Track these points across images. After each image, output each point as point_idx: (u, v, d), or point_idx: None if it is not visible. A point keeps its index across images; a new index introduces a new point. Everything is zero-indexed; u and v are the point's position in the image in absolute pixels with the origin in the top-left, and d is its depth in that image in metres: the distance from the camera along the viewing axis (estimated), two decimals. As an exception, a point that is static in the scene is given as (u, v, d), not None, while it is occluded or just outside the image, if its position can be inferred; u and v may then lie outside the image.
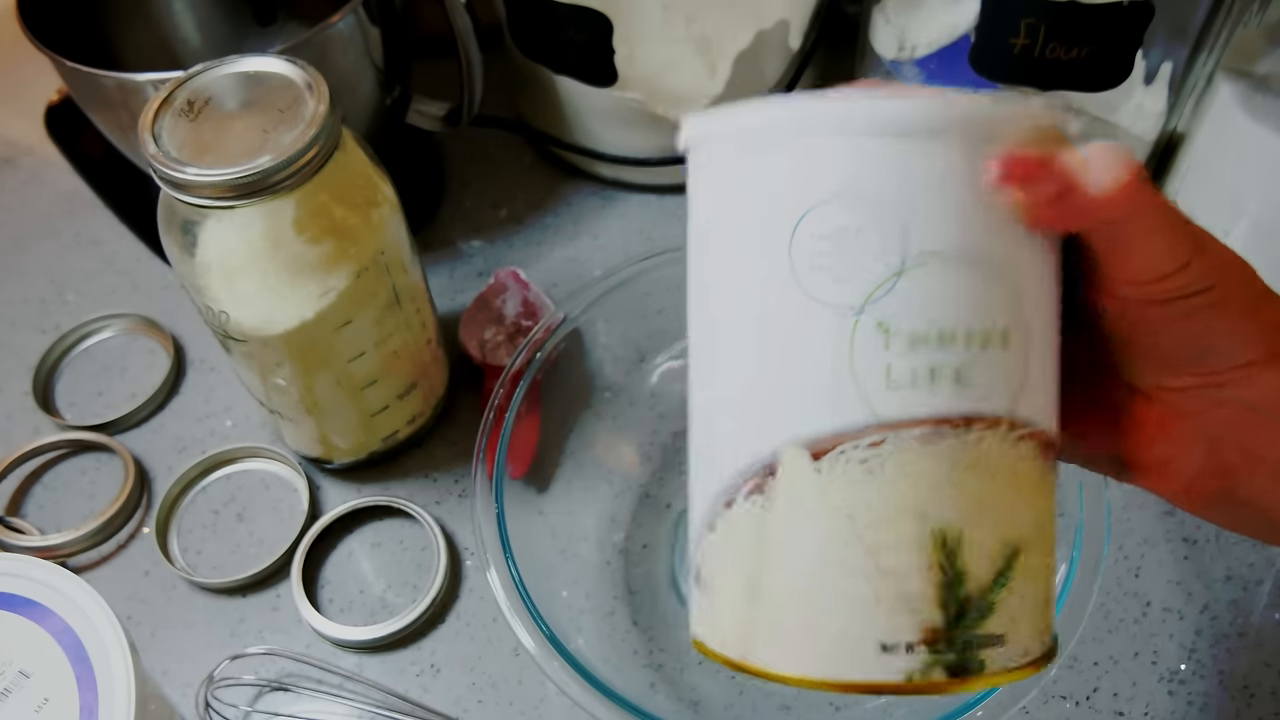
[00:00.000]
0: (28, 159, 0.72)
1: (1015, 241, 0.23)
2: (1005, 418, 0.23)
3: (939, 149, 0.22)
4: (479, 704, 0.46)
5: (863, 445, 0.22)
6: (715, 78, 0.60)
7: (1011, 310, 0.23)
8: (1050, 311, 0.25)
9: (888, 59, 0.59)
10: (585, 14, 0.56)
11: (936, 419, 0.22)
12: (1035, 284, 0.24)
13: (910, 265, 0.22)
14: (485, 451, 0.45)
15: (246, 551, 0.51)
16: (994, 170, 0.23)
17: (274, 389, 0.47)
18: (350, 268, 0.43)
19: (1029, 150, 0.23)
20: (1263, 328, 0.26)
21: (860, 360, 0.22)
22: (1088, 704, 0.45)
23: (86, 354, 0.61)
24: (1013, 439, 0.23)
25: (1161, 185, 0.61)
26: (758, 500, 0.23)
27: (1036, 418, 0.24)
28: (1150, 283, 0.25)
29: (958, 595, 0.22)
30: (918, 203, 0.22)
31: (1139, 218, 0.24)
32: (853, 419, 0.22)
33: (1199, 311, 0.25)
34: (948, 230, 0.22)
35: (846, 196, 0.22)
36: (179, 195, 0.40)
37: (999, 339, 0.23)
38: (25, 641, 0.35)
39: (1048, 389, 0.25)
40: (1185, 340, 0.26)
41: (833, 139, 0.22)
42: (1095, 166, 0.23)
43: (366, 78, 0.55)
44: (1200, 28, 0.52)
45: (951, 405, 0.22)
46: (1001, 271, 0.23)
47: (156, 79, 0.47)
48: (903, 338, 0.22)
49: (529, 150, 0.69)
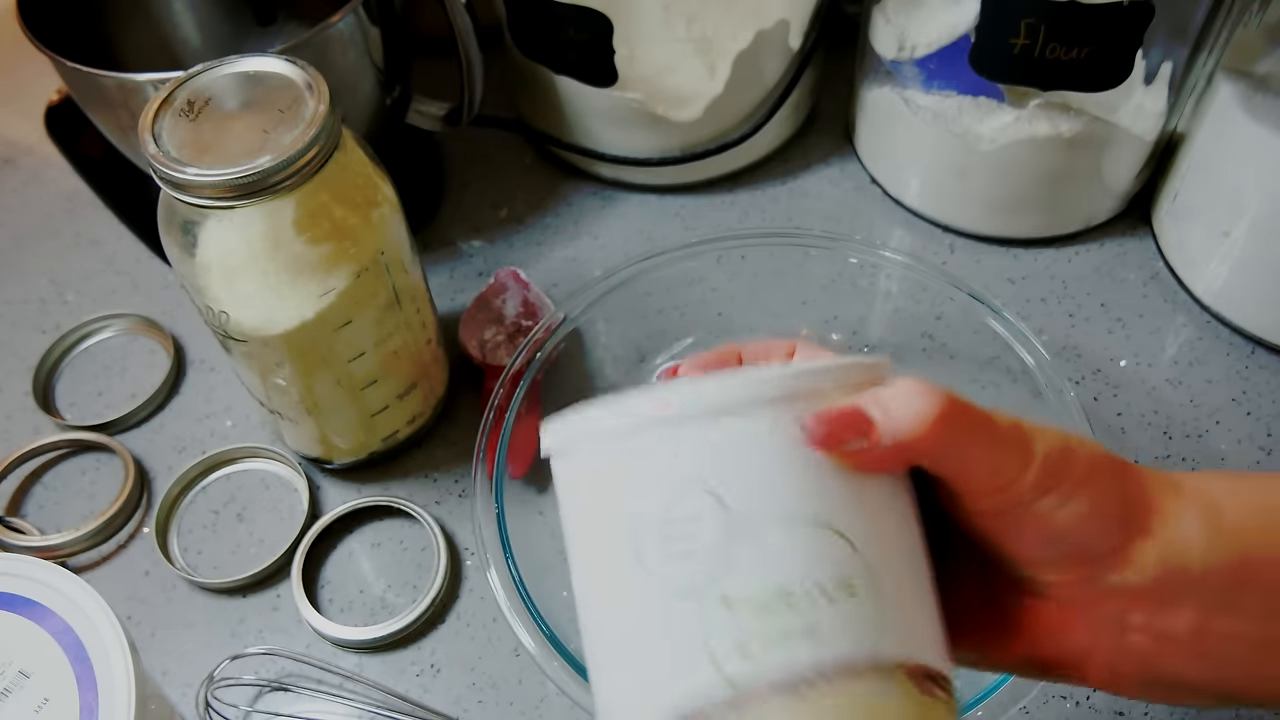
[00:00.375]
0: (28, 159, 0.72)
1: (844, 492, 0.24)
2: (865, 663, 0.23)
3: (746, 422, 0.23)
4: (479, 704, 0.46)
5: (729, 715, 0.23)
6: (715, 78, 0.60)
7: (849, 558, 0.23)
8: (906, 543, 0.25)
9: (888, 59, 0.59)
10: (585, 14, 0.56)
11: (792, 680, 0.22)
12: (879, 524, 0.24)
13: (740, 536, 0.23)
14: (485, 451, 0.45)
15: (246, 551, 0.51)
16: (801, 434, 0.24)
17: (274, 389, 0.47)
18: (350, 268, 0.43)
19: (830, 409, 0.24)
20: (1123, 507, 0.26)
21: (713, 637, 0.23)
22: (1088, 704, 0.45)
23: (86, 354, 0.61)
24: (879, 681, 0.23)
25: (1161, 185, 0.61)
26: None
27: (903, 653, 0.24)
28: (991, 495, 0.25)
29: None
30: (734, 476, 0.23)
31: (957, 444, 0.25)
32: (713, 694, 0.23)
33: (1052, 512, 0.25)
34: (767, 498, 0.23)
35: (671, 483, 0.23)
36: (179, 195, 0.40)
37: (844, 589, 0.23)
38: (25, 641, 0.35)
39: (919, 619, 0.25)
40: (1050, 539, 0.26)
41: (651, 432, 0.24)
42: (896, 408, 0.24)
43: (366, 78, 0.55)
44: (1200, 28, 0.52)
45: (810, 663, 0.23)
46: (832, 524, 0.23)
47: (156, 79, 0.47)
48: (748, 607, 0.23)
49: (529, 150, 0.69)
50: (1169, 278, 0.60)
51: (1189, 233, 0.58)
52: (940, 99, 0.57)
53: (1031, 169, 0.58)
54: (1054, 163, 0.57)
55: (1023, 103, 0.55)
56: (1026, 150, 0.56)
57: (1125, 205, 0.62)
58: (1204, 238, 0.57)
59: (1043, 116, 0.55)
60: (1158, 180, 0.61)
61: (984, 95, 0.56)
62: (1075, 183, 0.59)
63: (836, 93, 0.69)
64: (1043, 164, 0.57)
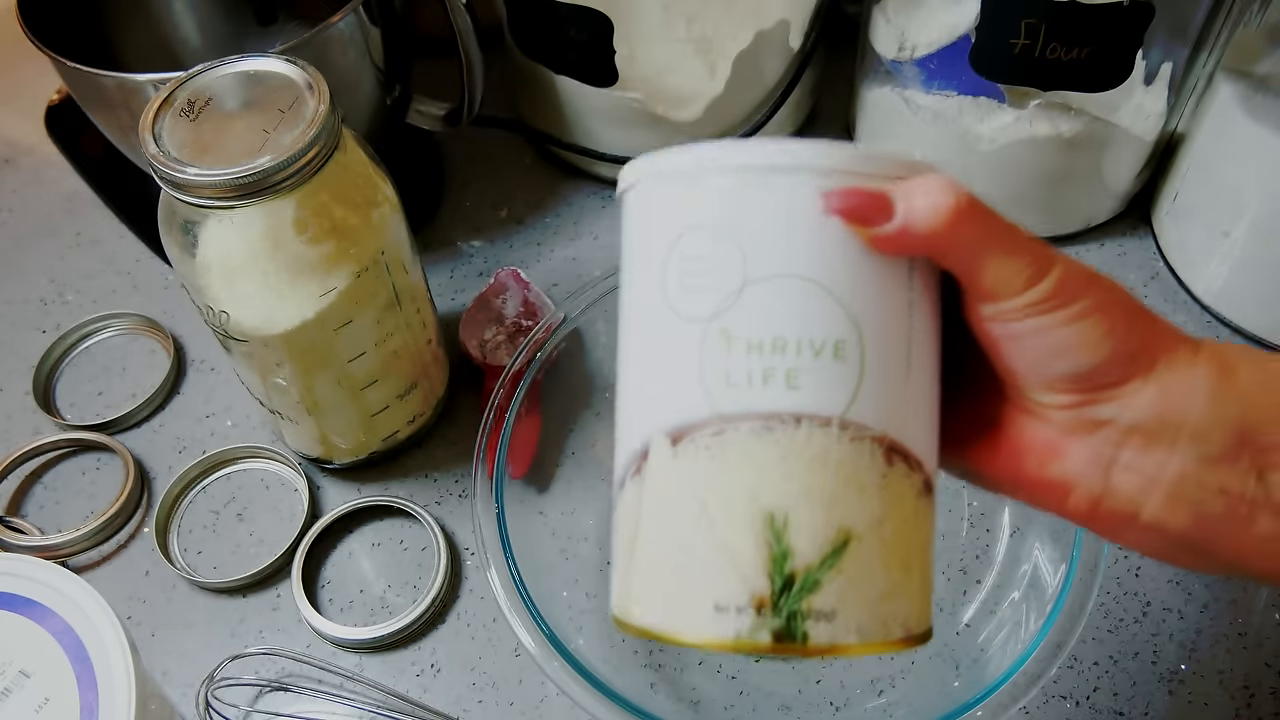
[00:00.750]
0: (28, 159, 0.72)
1: (855, 267, 0.26)
2: (835, 418, 0.26)
3: (778, 184, 0.26)
4: (479, 704, 0.46)
5: (707, 434, 0.26)
6: (715, 78, 0.60)
7: (844, 325, 0.26)
8: (907, 332, 0.27)
9: (888, 59, 0.59)
10: (585, 14, 0.56)
11: (766, 414, 0.26)
12: (882, 304, 0.26)
13: (751, 282, 0.26)
14: (485, 451, 0.45)
15: (246, 551, 0.51)
16: (823, 203, 0.25)
17: (274, 389, 0.47)
18: (350, 268, 0.43)
19: (853, 185, 0.26)
20: (1136, 343, 0.26)
21: (707, 363, 0.26)
22: (1088, 704, 0.45)
23: (86, 354, 0.61)
24: (845, 439, 0.26)
25: (1161, 185, 0.61)
26: (637, 480, 0.28)
27: (873, 423, 0.26)
28: (1003, 298, 0.26)
29: (783, 569, 0.26)
30: (759, 230, 0.26)
31: (972, 243, 0.26)
32: (699, 413, 0.26)
33: (1060, 326, 0.26)
34: (784, 255, 0.26)
35: (704, 226, 0.26)
36: (179, 195, 0.40)
37: (831, 350, 0.26)
38: (25, 641, 0.35)
39: (894, 398, 0.27)
40: (1052, 355, 0.26)
41: (702, 178, 0.27)
42: (915, 197, 0.25)
43: (366, 78, 0.55)
44: (1200, 28, 0.52)
45: (781, 404, 0.26)
46: (836, 290, 0.26)
47: (156, 79, 0.47)
48: (741, 344, 0.26)
49: (529, 150, 0.69)
50: (1169, 278, 0.60)
51: (1189, 233, 0.58)
52: (940, 99, 0.57)
53: (1031, 169, 0.58)
54: (1054, 163, 0.57)
55: (1023, 103, 0.55)
56: (1026, 150, 0.56)
57: (1125, 205, 0.62)
58: (1204, 238, 0.57)
59: (1043, 116, 0.55)
60: (1158, 180, 0.61)
61: (984, 95, 0.56)
62: (1075, 183, 0.59)
63: (836, 93, 0.69)
64: (1043, 164, 0.57)
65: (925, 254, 0.26)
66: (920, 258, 0.27)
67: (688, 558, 0.26)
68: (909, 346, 0.27)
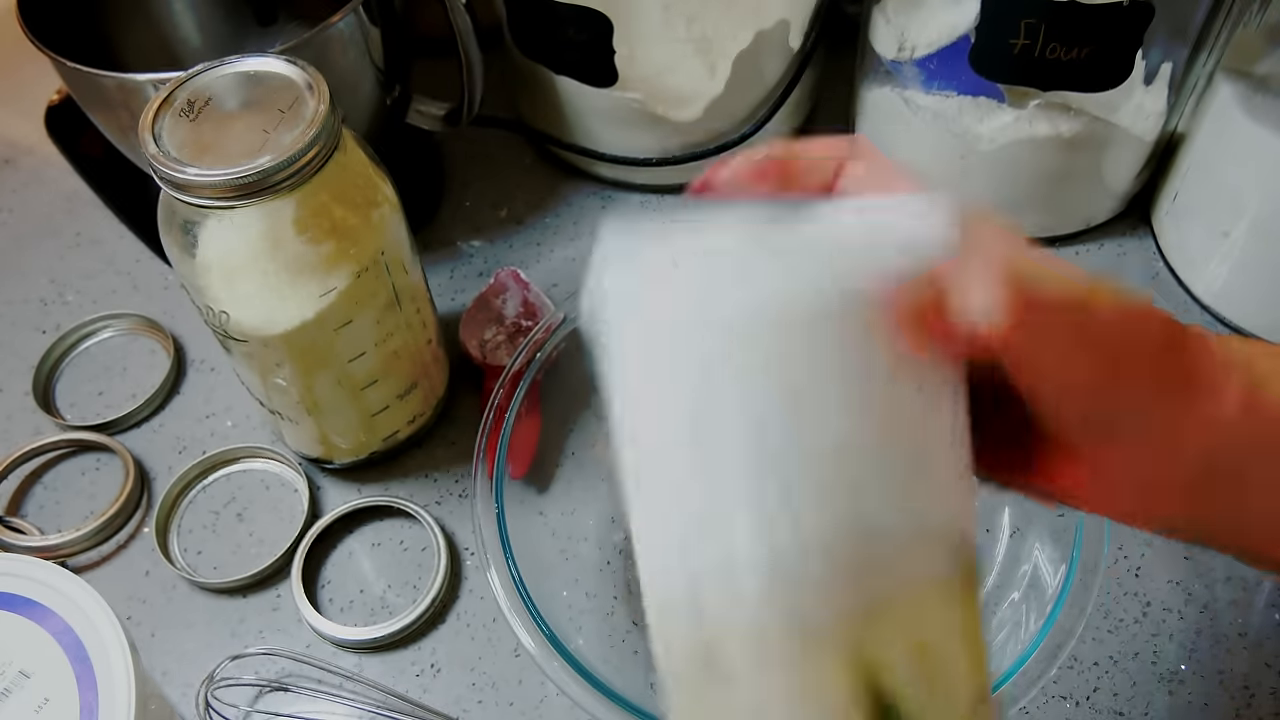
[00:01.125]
0: (28, 159, 0.72)
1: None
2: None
3: (812, 321, 0.24)
4: (479, 704, 0.46)
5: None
6: (715, 78, 0.60)
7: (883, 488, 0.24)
8: (920, 431, 0.25)
9: (888, 59, 0.59)
10: (585, 14, 0.56)
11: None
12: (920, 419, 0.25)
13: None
14: (485, 451, 0.45)
15: (246, 551, 0.51)
16: (867, 330, 0.23)
17: (274, 389, 0.47)
18: (350, 268, 0.43)
19: (900, 307, 0.23)
20: (1180, 385, 0.25)
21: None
22: (1088, 704, 0.45)
23: (86, 354, 0.61)
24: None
25: (1161, 185, 0.61)
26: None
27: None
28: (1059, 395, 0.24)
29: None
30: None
31: (1031, 350, 0.23)
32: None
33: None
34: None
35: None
36: (179, 195, 0.40)
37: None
38: (25, 641, 0.35)
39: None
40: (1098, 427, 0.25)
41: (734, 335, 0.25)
42: (972, 299, 0.23)
43: (366, 78, 0.55)
44: (1200, 28, 0.52)
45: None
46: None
47: (156, 79, 0.47)
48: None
49: (529, 150, 0.69)
50: (1169, 278, 0.60)
51: (1189, 233, 0.58)
52: (940, 99, 0.57)
53: (1031, 169, 0.58)
54: (1054, 163, 0.57)
55: (1023, 103, 0.55)
56: (1026, 150, 0.56)
57: (1125, 205, 0.62)
58: (1204, 238, 0.57)
59: (1043, 116, 0.55)
60: (1158, 180, 0.61)
61: (984, 95, 0.56)
62: (1075, 183, 0.59)
63: (836, 93, 0.69)
64: (1043, 164, 0.57)
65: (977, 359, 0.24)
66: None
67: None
68: (928, 449, 0.26)
